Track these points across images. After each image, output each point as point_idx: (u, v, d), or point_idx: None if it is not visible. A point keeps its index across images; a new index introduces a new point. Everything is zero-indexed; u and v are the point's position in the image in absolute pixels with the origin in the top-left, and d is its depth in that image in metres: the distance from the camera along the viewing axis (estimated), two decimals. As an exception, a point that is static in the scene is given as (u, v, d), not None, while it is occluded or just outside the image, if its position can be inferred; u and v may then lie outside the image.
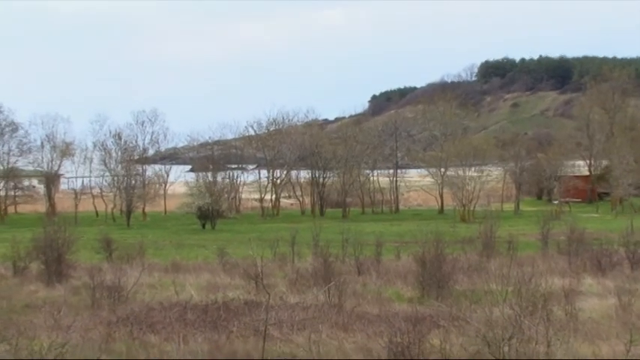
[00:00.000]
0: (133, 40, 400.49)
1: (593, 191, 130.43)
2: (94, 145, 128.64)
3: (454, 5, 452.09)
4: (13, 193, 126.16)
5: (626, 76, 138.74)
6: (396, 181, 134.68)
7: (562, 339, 22.61)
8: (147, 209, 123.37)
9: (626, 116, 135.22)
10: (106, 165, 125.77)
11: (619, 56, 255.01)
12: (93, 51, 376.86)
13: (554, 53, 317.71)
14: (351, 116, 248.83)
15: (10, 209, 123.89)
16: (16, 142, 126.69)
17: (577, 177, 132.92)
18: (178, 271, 49.86)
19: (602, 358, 9.96)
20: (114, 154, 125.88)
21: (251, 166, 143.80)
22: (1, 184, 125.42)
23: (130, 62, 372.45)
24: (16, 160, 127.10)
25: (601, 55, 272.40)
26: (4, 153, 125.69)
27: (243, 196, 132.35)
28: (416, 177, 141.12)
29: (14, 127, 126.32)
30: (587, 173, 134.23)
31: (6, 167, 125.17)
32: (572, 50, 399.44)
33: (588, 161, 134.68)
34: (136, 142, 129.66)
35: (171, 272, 49.02)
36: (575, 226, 58.34)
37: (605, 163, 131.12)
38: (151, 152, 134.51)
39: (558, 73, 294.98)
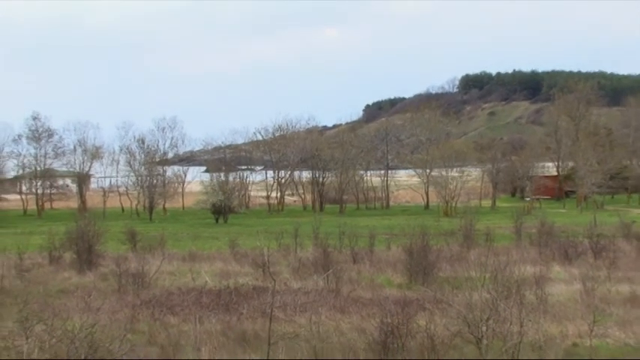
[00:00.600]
0: (155, 56, 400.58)
1: (560, 189, 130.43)
2: (121, 149, 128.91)
3: (438, 25, 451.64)
4: (49, 191, 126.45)
5: (589, 88, 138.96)
6: (387, 180, 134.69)
7: (533, 320, 22.65)
8: (167, 205, 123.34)
9: (590, 123, 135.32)
10: (130, 166, 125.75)
11: (583, 70, 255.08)
12: (120, 65, 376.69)
13: (527, 68, 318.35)
14: (347, 123, 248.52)
15: (47, 205, 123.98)
16: (51, 146, 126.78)
17: (546, 177, 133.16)
18: (194, 260, 49.86)
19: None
20: (138, 157, 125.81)
21: (258, 168, 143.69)
22: (39, 183, 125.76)
23: (153, 75, 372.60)
24: (52, 162, 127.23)
25: (567, 69, 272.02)
26: (41, 156, 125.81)
27: (252, 193, 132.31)
28: (404, 177, 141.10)
29: (50, 133, 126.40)
30: (556, 173, 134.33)
31: (43, 168, 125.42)
32: (542, 65, 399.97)
33: (556, 163, 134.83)
34: (158, 146, 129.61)
35: (188, 261, 49.03)
36: (545, 220, 58.35)
37: (571, 164, 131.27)
38: (170, 155, 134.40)
39: (530, 86, 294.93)
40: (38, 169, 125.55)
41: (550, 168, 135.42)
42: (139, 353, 18.65)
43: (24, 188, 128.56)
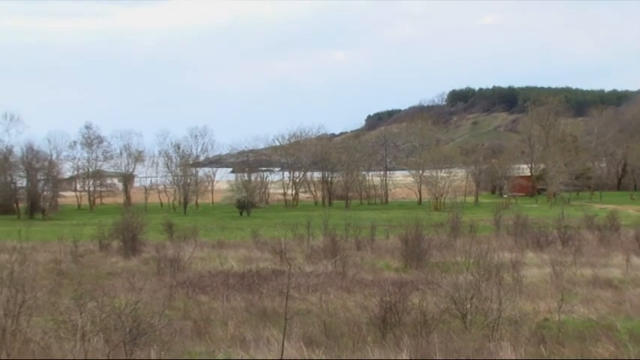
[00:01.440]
0: (189, 73, 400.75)
1: (533, 187, 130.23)
2: (159, 153, 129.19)
3: (429, 48, 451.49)
4: (99, 189, 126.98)
5: (557, 102, 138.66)
6: (386, 180, 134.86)
7: (510, 298, 22.58)
8: (199, 201, 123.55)
9: (558, 131, 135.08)
10: (168, 168, 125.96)
11: (552, 86, 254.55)
12: (159, 80, 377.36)
13: (504, 84, 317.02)
14: (351, 131, 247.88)
15: (97, 201, 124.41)
16: (101, 150, 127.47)
17: (521, 177, 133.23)
18: (222, 247, 49.90)
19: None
20: (174, 160, 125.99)
21: (276, 169, 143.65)
22: (91, 183, 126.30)
23: (187, 90, 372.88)
24: (102, 164, 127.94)
25: (539, 85, 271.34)
26: (92, 159, 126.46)
27: (271, 191, 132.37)
28: (400, 177, 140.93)
29: (100, 140, 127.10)
30: (529, 174, 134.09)
31: (94, 169, 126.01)
32: (518, 82, 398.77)
33: (530, 165, 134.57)
34: (191, 150, 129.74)
35: (217, 248, 49.05)
36: (520, 214, 58.28)
37: (542, 166, 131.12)
38: (201, 158, 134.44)
39: (507, 99, 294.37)
40: (90, 170, 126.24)
41: (524, 169, 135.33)
42: (175, 326, 18.67)
43: (78, 186, 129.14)
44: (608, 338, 18.80)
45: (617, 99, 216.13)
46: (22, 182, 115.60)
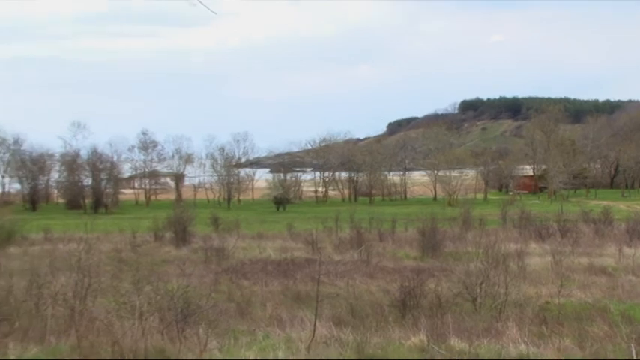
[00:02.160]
0: (234, 84, 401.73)
1: (536, 186, 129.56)
2: (206, 156, 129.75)
3: (443, 62, 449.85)
4: (154, 187, 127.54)
5: (557, 110, 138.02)
6: (405, 179, 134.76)
7: (515, 283, 22.49)
8: (240, 197, 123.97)
9: (558, 136, 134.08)
10: (214, 169, 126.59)
11: (553, 96, 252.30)
12: (207, 91, 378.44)
13: (510, 94, 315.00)
14: (374, 136, 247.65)
15: (152, 198, 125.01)
16: (156, 153, 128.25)
17: (525, 176, 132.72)
18: (261, 238, 50.00)
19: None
20: (219, 162, 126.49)
21: (308, 169, 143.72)
22: (147, 181, 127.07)
23: (232, 99, 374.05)
24: (156, 166, 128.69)
25: (541, 95, 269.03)
26: (148, 161, 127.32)
27: (304, 189, 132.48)
28: (418, 176, 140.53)
29: (155, 144, 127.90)
30: (532, 174, 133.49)
31: (150, 170, 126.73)
32: (522, 92, 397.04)
33: (532, 166, 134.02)
34: (234, 153, 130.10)
35: (256, 239, 49.16)
36: (524, 209, 58.03)
37: (543, 167, 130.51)
38: (243, 160, 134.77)
39: (512, 108, 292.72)
40: (146, 170, 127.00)
41: (528, 170, 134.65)
42: (221, 307, 18.72)
43: (136, 185, 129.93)
44: (603, 319, 18.67)
45: (610, 108, 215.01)
46: (87, 181, 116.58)
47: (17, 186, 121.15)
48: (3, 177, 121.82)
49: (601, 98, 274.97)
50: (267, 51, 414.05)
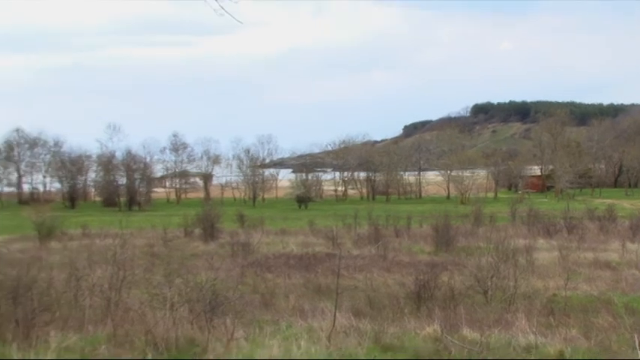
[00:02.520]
0: (256, 89, 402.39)
1: (543, 185, 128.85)
2: (233, 157, 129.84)
3: (455, 68, 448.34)
4: (184, 186, 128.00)
5: (564, 114, 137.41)
6: (420, 178, 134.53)
7: (524, 277, 22.41)
8: (265, 196, 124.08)
9: (564, 138, 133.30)
10: (240, 169, 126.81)
11: (559, 100, 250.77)
12: (230, 95, 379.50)
13: (519, 99, 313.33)
14: (391, 138, 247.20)
15: (182, 196, 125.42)
16: (186, 154, 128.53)
17: (533, 176, 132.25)
18: (284, 234, 50.08)
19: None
20: (245, 162, 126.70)
21: (329, 169, 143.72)
22: (177, 181, 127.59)
23: (254, 103, 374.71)
24: (186, 166, 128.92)
25: (549, 99, 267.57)
26: (179, 162, 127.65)
27: (324, 187, 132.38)
28: (432, 176, 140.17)
29: (185, 146, 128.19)
30: (540, 173, 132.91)
31: (180, 170, 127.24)
32: (530, 96, 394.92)
33: (540, 166, 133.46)
34: (259, 154, 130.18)
35: (280, 235, 49.25)
36: (532, 207, 57.84)
37: (551, 167, 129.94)
38: (267, 161, 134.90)
39: (522, 111, 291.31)
40: (177, 170, 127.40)
41: (536, 170, 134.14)
42: (246, 299, 18.76)
43: (167, 184, 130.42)
44: (607, 310, 18.56)
45: (613, 111, 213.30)
46: (122, 180, 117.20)
47: (57, 185, 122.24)
48: (44, 177, 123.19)
49: (605, 102, 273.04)
50: (289, 58, 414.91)
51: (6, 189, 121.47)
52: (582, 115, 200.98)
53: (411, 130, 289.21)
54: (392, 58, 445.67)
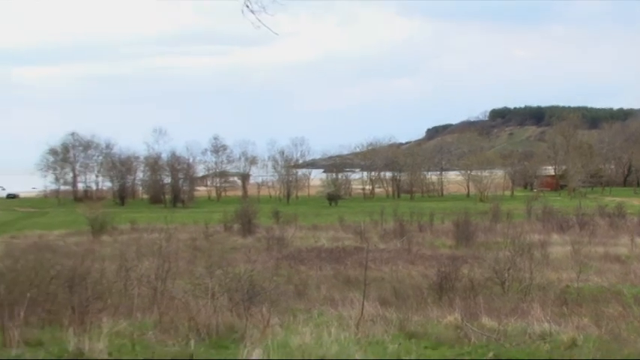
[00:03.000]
0: (289, 95, 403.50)
1: (557, 184, 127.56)
2: (269, 158, 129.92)
3: (474, 75, 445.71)
4: (223, 185, 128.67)
5: (576, 117, 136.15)
6: (442, 178, 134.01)
7: (539, 269, 22.24)
8: (298, 194, 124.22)
9: (577, 140, 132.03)
10: (275, 169, 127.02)
11: (572, 105, 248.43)
12: (267, 100, 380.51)
13: (534, 103, 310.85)
14: (415, 140, 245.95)
15: (222, 194, 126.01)
16: (225, 155, 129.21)
17: (547, 176, 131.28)
18: (316, 229, 50.17)
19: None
20: (280, 163, 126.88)
21: (357, 169, 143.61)
22: (217, 180, 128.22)
23: (289, 108, 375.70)
24: (225, 166, 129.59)
25: (562, 104, 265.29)
26: (218, 162, 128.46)
27: (353, 186, 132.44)
28: (453, 176, 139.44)
29: (224, 148, 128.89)
30: (554, 173, 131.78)
31: (220, 170, 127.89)
32: (545, 101, 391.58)
33: (554, 166, 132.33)
34: (292, 155, 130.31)
35: (312, 230, 49.36)
36: (547, 204, 57.31)
37: (564, 167, 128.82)
38: (300, 161, 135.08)
39: (536, 115, 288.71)
40: (217, 170, 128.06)
41: (550, 170, 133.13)
42: (281, 289, 18.81)
43: (208, 183, 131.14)
44: (617, 301, 18.37)
45: (623, 115, 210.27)
46: (167, 180, 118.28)
47: (108, 184, 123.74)
48: (97, 176, 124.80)
49: (615, 106, 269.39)
50: (320, 66, 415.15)
51: (63, 187, 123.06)
52: (593, 118, 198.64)
53: (434, 133, 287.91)
54: (414, 65, 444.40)
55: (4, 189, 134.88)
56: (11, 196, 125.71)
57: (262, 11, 7.96)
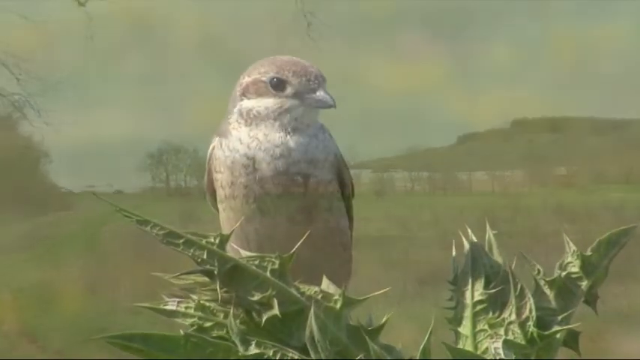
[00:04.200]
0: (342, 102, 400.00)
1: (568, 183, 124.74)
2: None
3: (497, 88, 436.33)
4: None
5: (587, 125, 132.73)
6: (470, 176, 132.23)
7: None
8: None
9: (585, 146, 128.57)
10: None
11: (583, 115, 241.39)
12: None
13: (550, 114, 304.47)
14: (448, 145, 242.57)
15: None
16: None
17: (559, 175, 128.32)
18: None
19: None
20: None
21: (399, 169, 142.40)
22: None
23: (339, 114, 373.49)
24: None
25: (574, 115, 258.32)
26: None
27: (396, 184, 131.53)
28: (479, 175, 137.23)
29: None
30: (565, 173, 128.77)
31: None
32: (559, 112, 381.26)
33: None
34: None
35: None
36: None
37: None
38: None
39: (552, 124, 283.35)
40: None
41: (562, 171, 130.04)
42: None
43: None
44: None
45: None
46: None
47: (195, 182, 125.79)
48: (185, 175, 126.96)
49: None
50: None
51: (158, 185, 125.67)
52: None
53: (463, 139, 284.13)
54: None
55: (112, 185, 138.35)
56: (117, 192, 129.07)
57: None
